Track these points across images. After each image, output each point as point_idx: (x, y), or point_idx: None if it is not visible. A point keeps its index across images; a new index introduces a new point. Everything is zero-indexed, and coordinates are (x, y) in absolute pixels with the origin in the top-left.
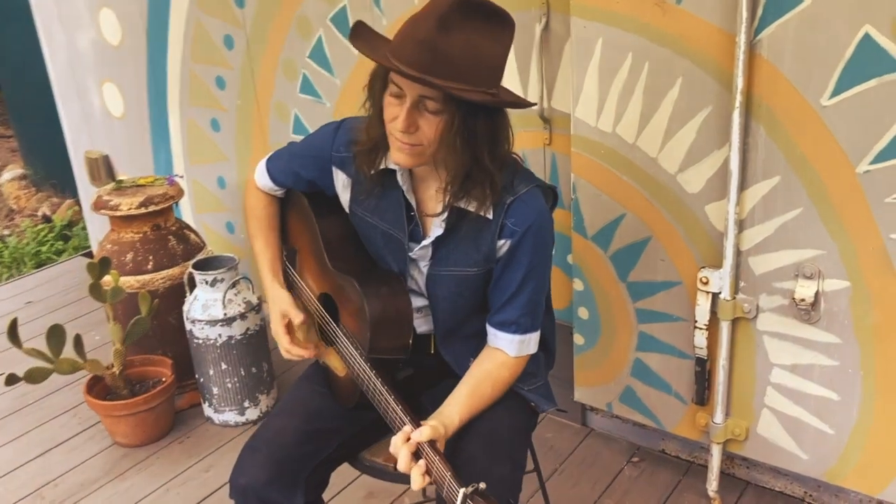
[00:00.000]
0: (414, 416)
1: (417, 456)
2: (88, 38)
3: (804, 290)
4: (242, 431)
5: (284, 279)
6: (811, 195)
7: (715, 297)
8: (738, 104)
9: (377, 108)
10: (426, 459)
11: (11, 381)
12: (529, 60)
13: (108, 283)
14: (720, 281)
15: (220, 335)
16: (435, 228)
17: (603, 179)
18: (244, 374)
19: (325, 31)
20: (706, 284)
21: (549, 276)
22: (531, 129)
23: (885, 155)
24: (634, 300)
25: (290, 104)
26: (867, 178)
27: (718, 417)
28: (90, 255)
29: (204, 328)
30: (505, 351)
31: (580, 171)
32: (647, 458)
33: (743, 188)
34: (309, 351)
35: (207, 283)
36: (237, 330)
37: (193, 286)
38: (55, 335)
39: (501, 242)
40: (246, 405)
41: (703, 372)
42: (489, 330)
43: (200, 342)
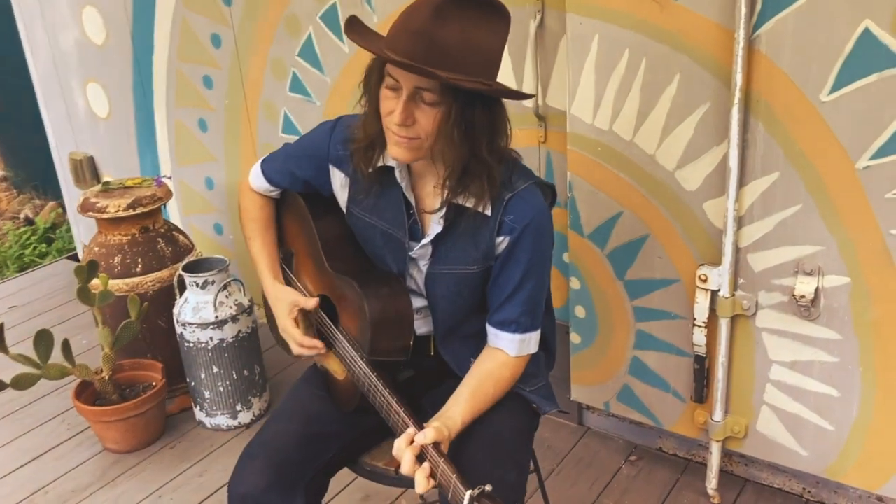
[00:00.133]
0: (416, 418)
1: (421, 459)
2: (72, 37)
3: (804, 286)
4: (235, 435)
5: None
6: (810, 191)
7: (714, 294)
8: (736, 100)
9: (373, 103)
10: (430, 462)
11: None
12: (524, 57)
13: (96, 286)
14: (719, 278)
15: (211, 338)
16: (434, 226)
17: (600, 177)
18: (236, 377)
19: (314, 28)
20: (705, 282)
21: (548, 274)
22: (526, 126)
23: (885, 150)
24: (632, 298)
25: (279, 103)
26: (867, 173)
27: (718, 415)
28: (75, 257)
29: (195, 331)
30: (506, 351)
31: (576, 168)
32: (644, 456)
33: (742, 184)
34: (321, 343)
35: (198, 285)
36: (229, 333)
37: (183, 289)
38: (43, 340)
39: (500, 239)
40: (238, 409)
41: (701, 370)
42: (489, 330)
43: (191, 345)
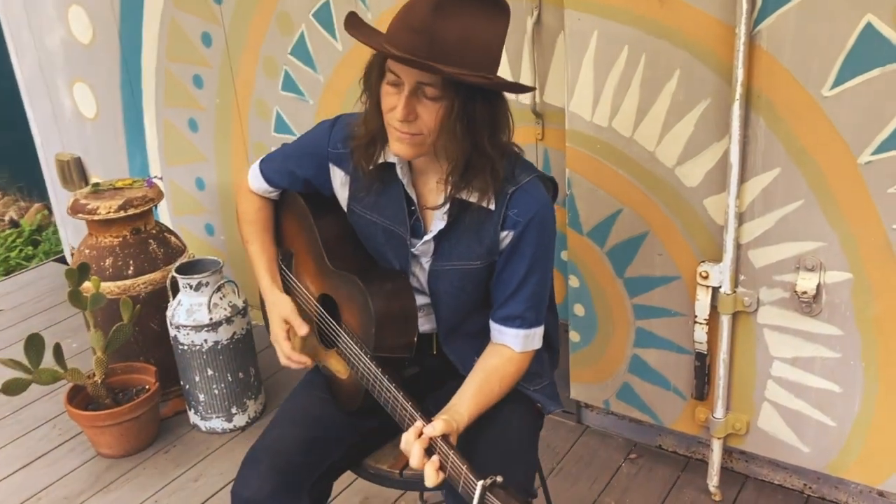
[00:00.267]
0: (424, 411)
1: (429, 452)
2: (57, 36)
3: (806, 282)
4: (231, 438)
5: (282, 283)
6: (812, 187)
7: (715, 291)
8: (738, 96)
9: (374, 99)
10: (440, 455)
11: None
12: (521, 54)
13: (87, 289)
14: (720, 275)
15: (205, 340)
16: (437, 222)
17: (599, 174)
18: (231, 379)
19: (307, 26)
20: (706, 279)
21: (552, 268)
22: (523, 124)
23: (887, 145)
24: (632, 296)
25: (271, 102)
26: (869, 168)
27: (719, 412)
28: (63, 260)
29: (189, 334)
30: (510, 347)
31: (575, 166)
32: (644, 454)
33: (743, 181)
34: (309, 360)
35: (192, 287)
36: (223, 335)
37: (176, 291)
38: (34, 344)
39: (504, 234)
40: (233, 411)
41: (702, 367)
42: (493, 326)
43: (186, 348)
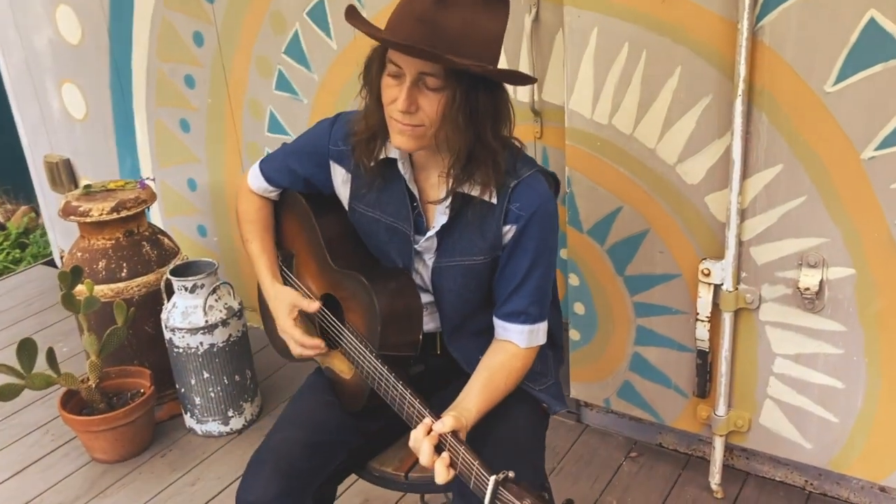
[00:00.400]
0: (432, 408)
1: (439, 449)
2: (45, 36)
3: (809, 278)
4: (228, 441)
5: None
6: (815, 182)
7: (717, 288)
8: (740, 92)
9: (375, 93)
10: (450, 451)
11: None
12: (519, 52)
13: (80, 292)
14: (722, 272)
15: (201, 343)
16: (439, 217)
17: (599, 172)
18: (227, 382)
19: (301, 25)
20: (708, 276)
21: (555, 262)
22: (522, 122)
23: (890, 141)
24: (632, 294)
25: (264, 102)
26: (872, 164)
27: (721, 409)
28: (51, 263)
29: (184, 336)
30: (515, 343)
31: (575, 164)
32: (644, 452)
33: (745, 177)
34: (321, 342)
35: (187, 289)
36: (219, 337)
37: (171, 293)
38: (26, 349)
39: (507, 228)
40: (230, 414)
41: (704, 364)
42: (497, 323)
43: (181, 351)
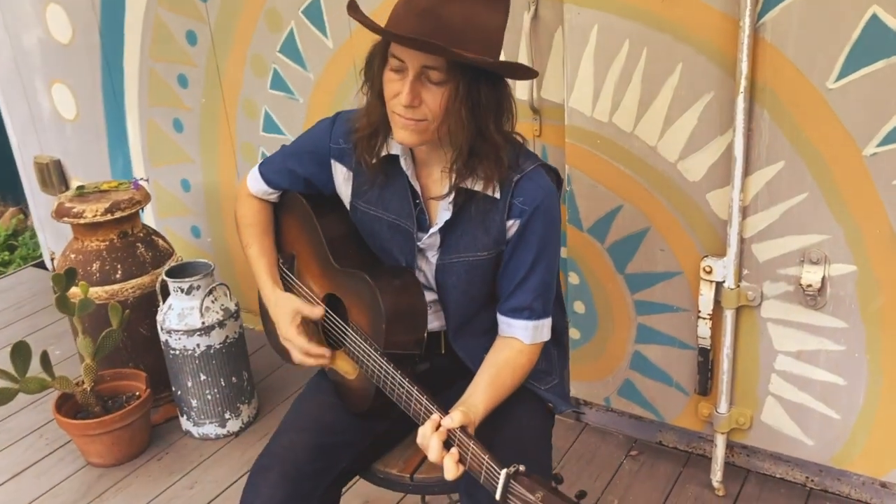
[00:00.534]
0: (440, 404)
1: (447, 445)
2: (35, 36)
3: (811, 275)
4: (225, 444)
5: (283, 287)
6: (817, 179)
7: (718, 285)
8: (742, 89)
9: (377, 88)
10: (459, 446)
11: None
12: (518, 50)
13: (75, 295)
14: (724, 269)
15: (198, 345)
16: (442, 213)
17: (599, 170)
18: (224, 384)
19: (297, 23)
20: (709, 273)
21: (558, 257)
22: (521, 120)
23: (892, 137)
24: (633, 292)
25: (259, 101)
26: (874, 160)
27: (722, 407)
28: (41, 265)
29: (181, 338)
30: (520, 339)
31: (575, 162)
32: (645, 450)
33: (747, 174)
34: (327, 350)
35: (183, 291)
36: (216, 339)
37: (167, 295)
38: (20, 352)
39: (510, 223)
40: (227, 417)
41: (706, 362)
42: (501, 319)
43: (177, 353)
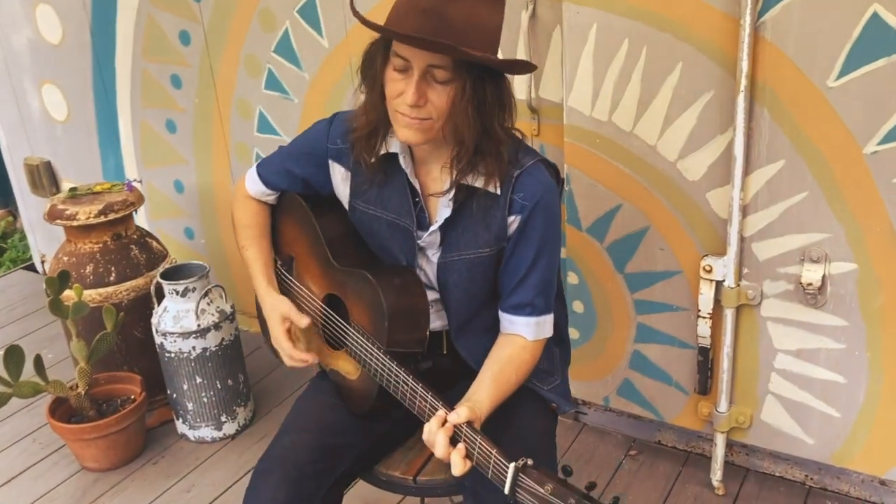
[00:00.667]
0: (445, 400)
1: (454, 441)
2: (24, 36)
3: (811, 273)
4: (221, 447)
5: (281, 289)
6: (817, 178)
7: (718, 284)
8: (742, 88)
9: (377, 87)
10: (466, 442)
11: None
12: (516, 49)
13: (68, 297)
14: (724, 268)
15: (193, 347)
16: (442, 210)
17: (598, 169)
18: (220, 387)
19: (292, 23)
20: (709, 272)
21: (559, 253)
22: (519, 119)
23: (893, 135)
24: (632, 291)
25: (253, 101)
26: (875, 158)
27: (722, 406)
28: (32, 267)
29: (176, 341)
30: (523, 336)
31: (574, 161)
32: (644, 450)
33: (747, 173)
34: (313, 356)
35: (178, 293)
36: (212, 341)
37: (161, 297)
38: (13, 357)
39: (511, 219)
40: (223, 419)
41: (706, 361)
42: (503, 317)
43: (173, 356)
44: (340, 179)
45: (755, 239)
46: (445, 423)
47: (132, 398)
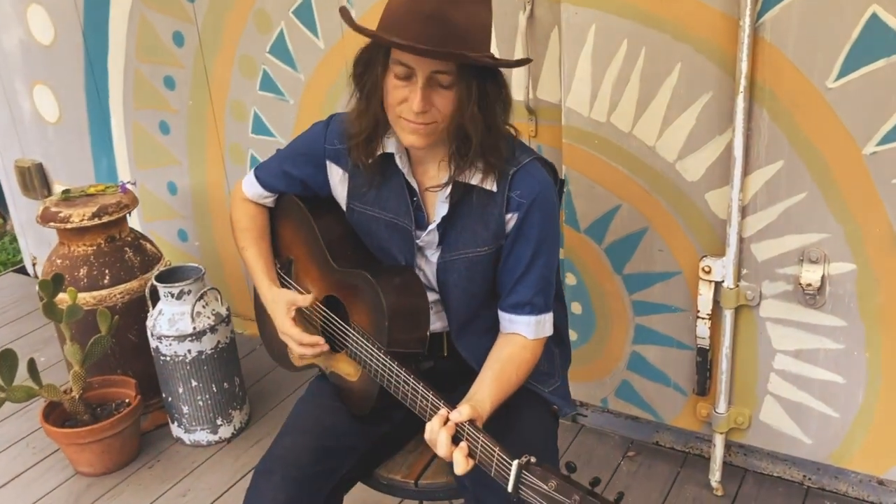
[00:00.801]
0: (447, 399)
1: (456, 440)
2: (15, 37)
3: (810, 274)
4: (217, 450)
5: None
6: (816, 178)
7: (717, 285)
8: (742, 89)
9: (375, 94)
10: (468, 440)
11: None
12: (514, 49)
13: (62, 301)
14: (723, 269)
15: (189, 351)
16: (440, 206)
17: (596, 170)
18: (216, 390)
19: (287, 24)
20: (708, 273)
21: (557, 251)
22: (516, 120)
23: (892, 136)
24: (631, 292)
25: (248, 102)
26: (874, 159)
27: (721, 407)
28: (22, 270)
29: (172, 344)
30: (523, 335)
31: (572, 162)
32: (642, 451)
33: (746, 174)
34: (321, 339)
35: (173, 296)
36: (207, 344)
37: (156, 300)
38: (7, 360)
39: (509, 216)
40: (219, 423)
41: (704, 362)
42: (503, 316)
43: (168, 359)
44: (338, 180)
45: (754, 239)
46: (447, 421)
47: (127, 402)
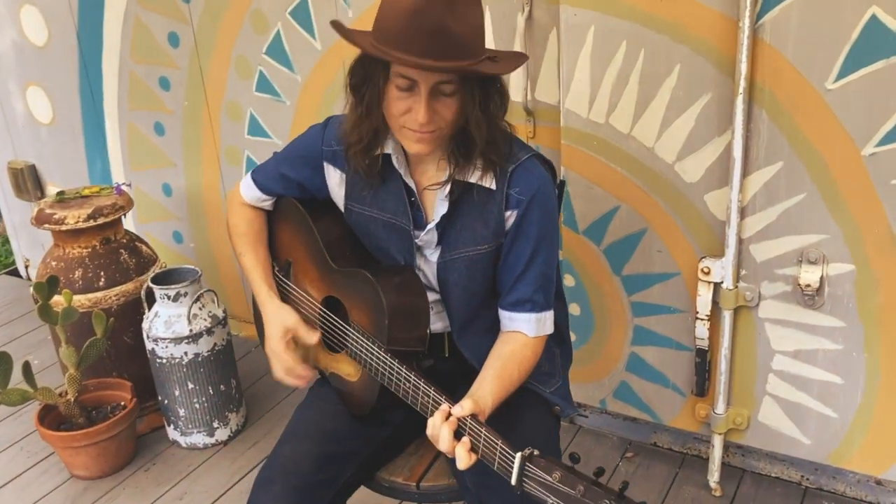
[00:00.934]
0: (448, 394)
1: (459, 435)
2: (9, 38)
3: (809, 275)
4: (214, 453)
5: (279, 294)
6: (815, 180)
7: (716, 286)
8: (741, 90)
9: (375, 104)
10: (470, 435)
11: None
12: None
13: (57, 303)
14: (722, 270)
15: (185, 353)
16: (439, 205)
17: (595, 172)
18: (212, 392)
19: (283, 25)
20: (707, 274)
21: (557, 248)
22: (514, 121)
23: (891, 137)
24: (630, 293)
25: (244, 103)
26: (873, 160)
27: (720, 408)
28: (15, 272)
29: (168, 346)
30: (524, 332)
31: (571, 163)
32: (640, 452)
33: (745, 175)
34: (312, 373)
35: (169, 298)
36: (204, 346)
37: (152, 302)
38: (2, 363)
39: (509, 214)
40: (215, 425)
41: (703, 363)
42: (503, 314)
43: (164, 361)
44: (336, 182)
45: (753, 240)
46: (449, 416)
47: (122, 405)
